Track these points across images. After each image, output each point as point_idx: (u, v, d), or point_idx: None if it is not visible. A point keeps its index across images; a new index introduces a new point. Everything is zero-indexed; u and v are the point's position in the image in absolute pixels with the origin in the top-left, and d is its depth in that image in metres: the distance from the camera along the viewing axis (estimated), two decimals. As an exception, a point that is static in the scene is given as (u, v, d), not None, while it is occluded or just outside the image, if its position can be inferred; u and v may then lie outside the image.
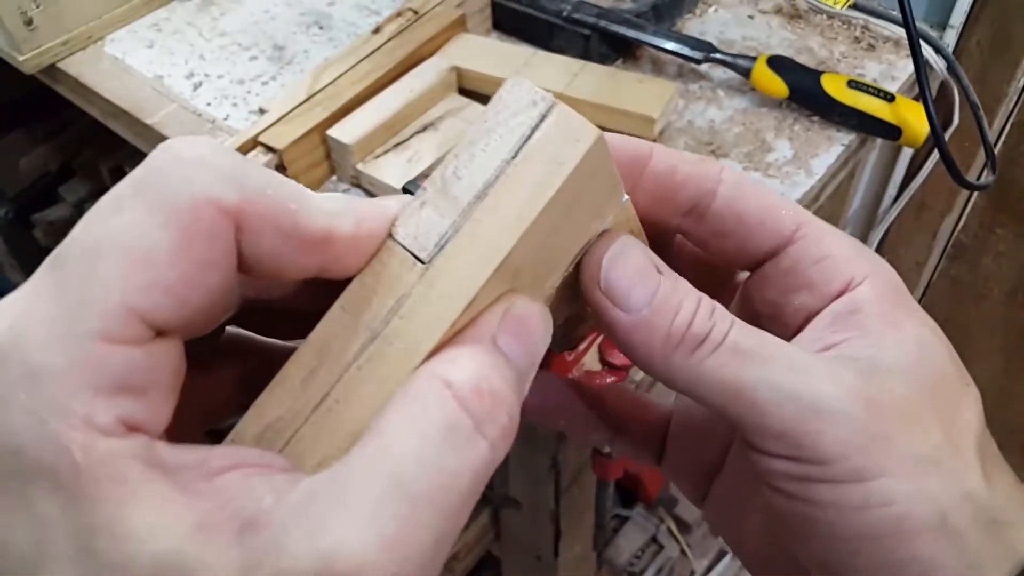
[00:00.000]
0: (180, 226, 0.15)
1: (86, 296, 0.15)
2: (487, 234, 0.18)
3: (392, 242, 0.19)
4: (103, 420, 0.14)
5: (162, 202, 0.15)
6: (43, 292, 0.15)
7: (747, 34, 0.69)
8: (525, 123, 0.19)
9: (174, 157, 0.16)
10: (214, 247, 0.15)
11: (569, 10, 0.65)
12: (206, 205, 0.15)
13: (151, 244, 0.15)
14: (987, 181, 0.66)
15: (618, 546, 1.19)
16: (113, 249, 0.15)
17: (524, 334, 0.19)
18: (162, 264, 0.15)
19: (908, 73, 0.65)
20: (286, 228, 0.16)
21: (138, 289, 0.15)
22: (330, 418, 0.18)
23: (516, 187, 0.19)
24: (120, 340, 0.15)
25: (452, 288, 0.18)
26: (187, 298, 0.15)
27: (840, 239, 0.24)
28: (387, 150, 0.58)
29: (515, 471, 0.77)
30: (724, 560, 1.28)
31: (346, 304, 0.19)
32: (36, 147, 1.06)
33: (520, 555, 0.92)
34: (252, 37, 0.71)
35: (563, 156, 0.19)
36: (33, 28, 0.67)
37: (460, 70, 0.62)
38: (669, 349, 0.21)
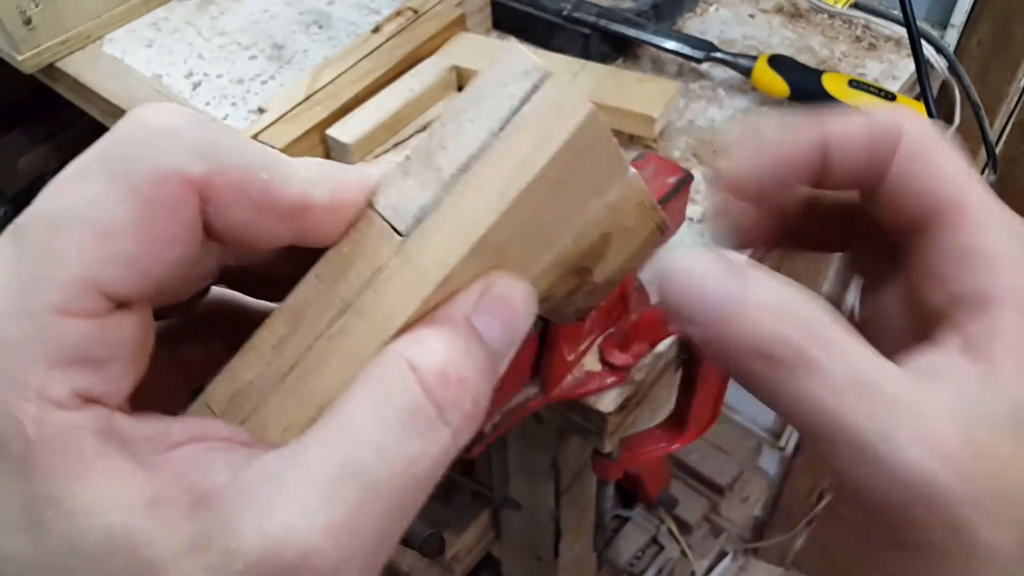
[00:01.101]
0: (141, 199, 0.15)
1: (44, 268, 0.14)
2: (468, 210, 0.18)
3: (372, 212, 0.18)
4: (57, 393, 0.14)
5: (125, 174, 0.15)
6: (1, 264, 0.15)
7: (748, 33, 0.69)
8: (515, 94, 0.18)
9: (140, 126, 0.16)
10: (176, 220, 0.15)
11: (569, 9, 0.65)
12: (169, 178, 0.15)
13: (111, 217, 0.15)
14: (988, 181, 0.66)
15: (618, 547, 1.19)
16: (73, 221, 0.15)
17: (504, 313, 0.18)
18: (122, 237, 0.15)
19: (909, 72, 0.65)
20: (256, 198, 0.16)
21: (97, 262, 0.15)
22: (298, 387, 0.18)
23: (501, 162, 0.18)
24: (77, 313, 0.14)
25: (428, 263, 0.18)
26: (148, 271, 0.15)
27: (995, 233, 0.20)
28: (387, 149, 0.58)
29: (515, 471, 0.77)
30: (724, 561, 1.28)
31: (321, 272, 0.18)
32: (35, 147, 1.06)
33: (520, 556, 0.92)
34: (251, 36, 0.71)
35: (552, 131, 0.17)
36: (32, 28, 0.67)
37: (460, 69, 0.62)
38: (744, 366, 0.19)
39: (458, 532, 1.00)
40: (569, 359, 0.46)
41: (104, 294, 0.15)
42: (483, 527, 1.01)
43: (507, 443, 0.74)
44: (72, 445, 0.14)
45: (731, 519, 1.29)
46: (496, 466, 0.81)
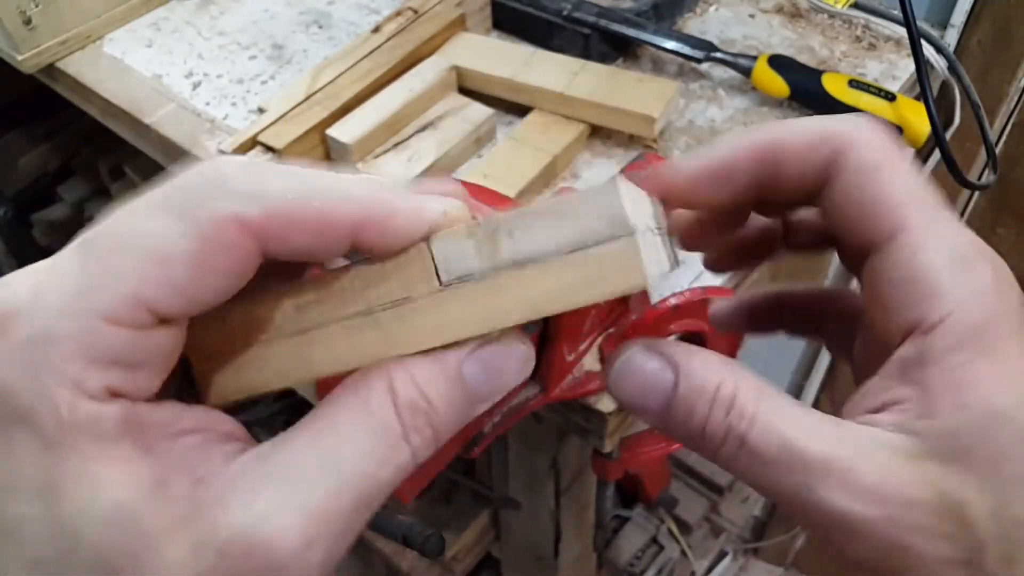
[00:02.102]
0: (201, 236, 0.17)
1: (103, 280, 0.17)
2: (503, 300, 0.19)
3: (425, 249, 0.20)
4: (91, 386, 0.17)
5: (187, 215, 0.17)
6: (67, 268, 0.17)
7: (748, 33, 0.69)
8: (596, 233, 0.19)
9: (202, 177, 0.18)
10: (230, 257, 0.17)
11: (569, 9, 0.65)
12: (228, 221, 0.17)
13: (171, 248, 0.17)
14: (988, 181, 0.66)
15: (618, 547, 1.19)
16: (136, 246, 0.17)
17: (493, 367, 0.20)
18: (178, 266, 0.17)
19: (909, 72, 0.65)
20: (311, 225, 0.18)
21: (151, 283, 0.17)
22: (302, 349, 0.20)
23: (550, 279, 0.19)
24: (124, 323, 0.17)
25: (447, 322, 0.20)
26: (195, 297, 0.17)
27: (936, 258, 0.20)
28: (387, 149, 0.58)
29: (515, 472, 0.77)
30: (724, 561, 1.28)
31: (362, 272, 0.20)
32: (35, 147, 1.06)
33: (520, 556, 0.92)
34: (251, 36, 0.71)
35: (605, 281, 0.19)
36: (32, 28, 0.67)
37: (460, 69, 0.62)
38: (695, 445, 0.21)
39: (458, 532, 1.00)
40: (569, 359, 0.46)
41: (151, 311, 0.17)
42: (483, 527, 1.01)
43: (507, 443, 0.74)
44: (96, 430, 0.17)
45: (731, 519, 1.29)
46: (496, 466, 0.81)
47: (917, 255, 0.20)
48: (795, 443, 0.20)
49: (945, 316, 0.20)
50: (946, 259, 0.20)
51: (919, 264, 0.20)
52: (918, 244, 0.20)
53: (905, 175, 0.21)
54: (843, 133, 0.21)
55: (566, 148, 0.58)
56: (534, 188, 0.57)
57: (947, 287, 0.20)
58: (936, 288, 0.20)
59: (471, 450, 0.45)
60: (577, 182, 0.59)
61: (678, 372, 0.21)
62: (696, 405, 0.21)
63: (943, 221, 0.21)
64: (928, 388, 0.20)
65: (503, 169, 0.57)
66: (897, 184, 0.21)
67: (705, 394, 0.21)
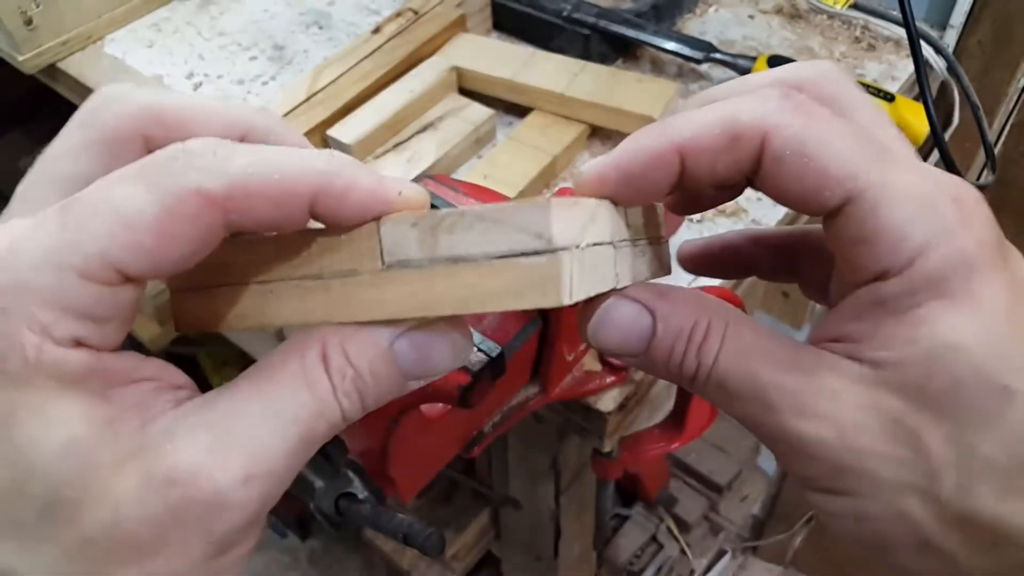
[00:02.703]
0: (166, 205, 0.18)
1: (78, 238, 0.18)
2: (435, 291, 0.21)
3: (375, 229, 0.21)
4: (59, 334, 0.18)
5: (156, 186, 0.18)
6: (46, 226, 0.18)
7: (747, 34, 0.69)
8: (524, 244, 0.20)
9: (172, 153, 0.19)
10: (195, 226, 0.19)
11: (569, 10, 0.65)
12: (192, 194, 0.18)
13: (138, 214, 0.18)
14: (987, 181, 0.66)
15: (618, 545, 1.19)
16: (108, 210, 0.18)
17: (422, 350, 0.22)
18: (143, 231, 0.18)
19: (908, 73, 0.65)
20: (272, 196, 0.19)
21: (119, 245, 0.18)
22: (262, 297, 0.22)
23: (477, 280, 0.20)
24: (93, 279, 0.18)
25: (386, 301, 0.21)
26: (158, 261, 0.19)
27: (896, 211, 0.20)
28: (387, 150, 0.58)
29: (515, 471, 0.77)
30: (723, 559, 1.28)
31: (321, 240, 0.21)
32: (36, 147, 1.06)
33: (520, 554, 0.92)
34: (252, 37, 0.71)
35: (525, 292, 0.20)
36: (33, 28, 0.67)
37: (460, 70, 0.62)
38: (674, 379, 0.23)
39: (458, 531, 1.00)
40: (569, 359, 0.46)
41: (118, 271, 0.18)
42: (483, 526, 1.01)
43: (507, 443, 0.74)
44: (58, 372, 0.18)
45: (730, 518, 1.29)
46: (496, 465, 0.82)
47: (873, 215, 0.20)
48: (757, 372, 0.22)
49: (906, 265, 0.20)
50: (904, 210, 0.20)
51: (877, 222, 0.20)
52: (872, 204, 0.20)
53: (836, 139, 0.20)
54: (752, 128, 0.21)
55: (566, 149, 0.59)
56: (534, 188, 0.57)
57: (906, 238, 0.20)
58: (897, 242, 0.20)
59: (471, 449, 0.46)
60: (577, 182, 0.59)
61: (655, 315, 0.23)
62: (675, 346, 0.23)
63: (895, 171, 0.20)
64: (881, 324, 0.21)
65: (503, 169, 0.57)
66: (829, 155, 0.20)
67: (682, 334, 0.22)
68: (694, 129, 0.21)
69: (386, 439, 0.39)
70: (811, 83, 0.23)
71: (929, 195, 0.20)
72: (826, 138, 0.20)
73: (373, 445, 0.40)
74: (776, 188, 0.21)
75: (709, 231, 0.55)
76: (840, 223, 0.21)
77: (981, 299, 0.20)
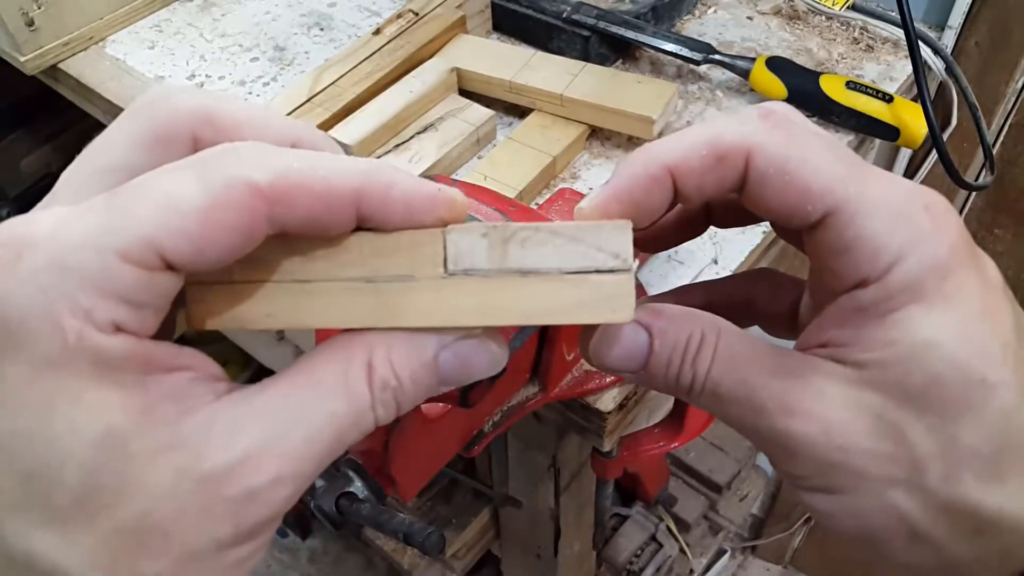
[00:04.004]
0: (213, 193, 0.18)
1: (122, 221, 0.18)
2: (499, 303, 0.21)
3: (440, 236, 0.21)
4: (99, 318, 0.18)
5: (204, 176, 0.18)
6: (94, 208, 0.18)
7: (746, 35, 0.70)
8: (597, 262, 0.21)
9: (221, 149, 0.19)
10: (240, 215, 0.19)
11: (569, 11, 0.65)
12: (240, 183, 0.18)
13: (186, 200, 0.18)
14: (985, 182, 0.67)
15: (617, 544, 1.19)
16: (156, 195, 0.18)
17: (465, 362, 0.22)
18: (190, 217, 0.18)
19: (907, 74, 0.65)
20: (317, 190, 0.19)
21: (164, 230, 0.18)
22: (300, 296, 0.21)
23: (548, 294, 0.21)
24: (135, 263, 0.18)
25: (442, 309, 0.21)
26: (203, 248, 0.18)
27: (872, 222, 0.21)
28: (388, 151, 0.59)
29: (515, 470, 0.77)
30: (723, 559, 1.28)
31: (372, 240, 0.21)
32: (38, 148, 1.06)
33: (520, 554, 0.92)
34: (253, 38, 0.72)
35: (594, 308, 0.21)
36: (34, 29, 0.67)
37: (460, 71, 0.62)
38: (671, 391, 0.24)
39: (458, 530, 1.00)
40: (568, 358, 0.46)
41: (161, 255, 0.18)
42: (483, 525, 1.01)
43: (507, 442, 0.74)
44: (98, 358, 0.18)
45: (729, 517, 1.29)
46: (496, 465, 0.82)
47: (851, 226, 0.21)
48: (748, 377, 0.23)
49: (884, 272, 0.21)
50: (881, 220, 0.21)
51: (856, 233, 0.21)
52: (850, 216, 0.21)
53: (814, 156, 0.22)
54: (736, 147, 0.22)
55: (566, 149, 0.59)
56: (534, 189, 0.57)
57: (884, 247, 0.21)
58: (875, 251, 0.21)
59: (471, 449, 0.46)
60: (576, 183, 0.59)
61: (651, 332, 0.24)
62: (671, 359, 0.24)
63: (870, 184, 0.21)
64: (862, 328, 0.22)
65: (503, 170, 0.57)
66: (809, 171, 0.21)
67: (678, 348, 0.24)
68: (683, 150, 0.22)
69: (386, 439, 0.40)
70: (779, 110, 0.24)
71: (903, 204, 0.21)
72: (805, 155, 0.22)
73: (374, 445, 0.40)
74: (761, 204, 0.22)
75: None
76: (821, 235, 0.22)
77: (955, 299, 0.21)
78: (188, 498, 0.19)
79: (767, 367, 0.23)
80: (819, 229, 0.22)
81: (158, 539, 0.19)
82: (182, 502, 0.19)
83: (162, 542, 0.19)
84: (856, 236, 0.21)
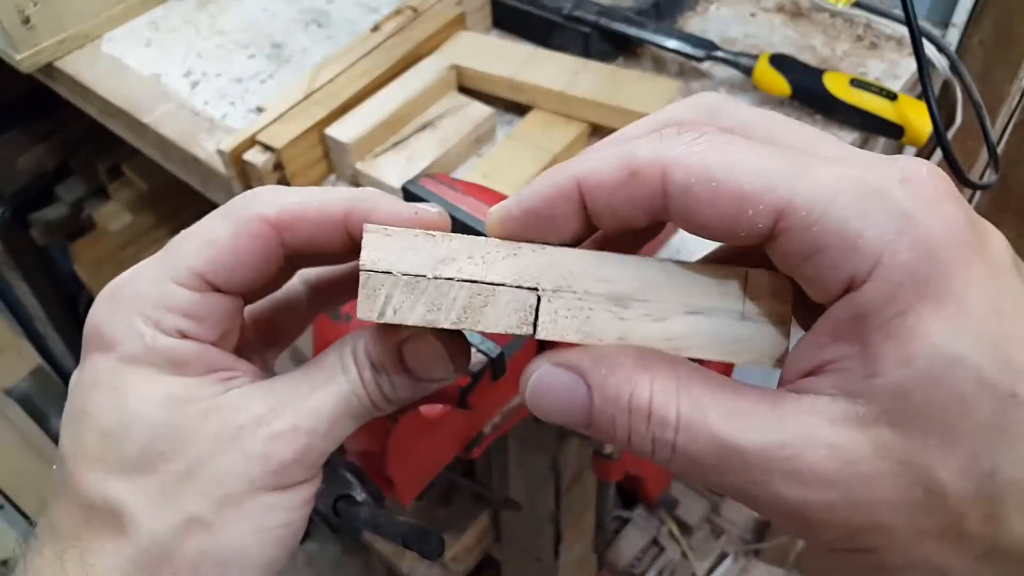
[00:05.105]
0: (235, 228, 0.24)
1: (175, 259, 0.24)
2: None
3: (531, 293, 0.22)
4: (166, 326, 0.24)
5: (230, 216, 0.24)
6: (158, 255, 0.25)
7: (749, 32, 0.69)
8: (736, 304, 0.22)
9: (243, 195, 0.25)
10: (258, 242, 0.24)
11: (569, 8, 0.65)
12: (254, 218, 0.24)
13: (217, 235, 0.24)
14: (990, 180, 0.66)
15: (619, 548, 1.18)
16: (197, 235, 0.24)
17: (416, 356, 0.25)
18: (220, 247, 0.24)
19: (911, 72, 0.65)
20: (312, 216, 0.24)
21: (202, 259, 0.24)
22: None
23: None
24: (186, 286, 0.24)
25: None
26: (234, 270, 0.24)
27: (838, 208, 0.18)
28: (386, 149, 0.58)
29: (515, 472, 0.77)
30: (725, 562, 1.27)
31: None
32: (33, 146, 1.06)
33: (520, 557, 0.92)
34: (250, 35, 0.71)
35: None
36: (30, 27, 0.67)
37: (460, 68, 0.62)
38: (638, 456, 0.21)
39: (458, 533, 1.00)
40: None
41: (203, 279, 0.24)
42: (483, 528, 1.00)
43: (507, 444, 0.74)
44: (169, 356, 0.24)
45: (732, 520, 1.29)
46: (496, 467, 0.81)
47: (812, 222, 0.18)
48: (729, 439, 0.19)
49: (873, 265, 0.18)
50: (846, 208, 0.18)
51: (820, 227, 0.18)
52: (806, 211, 0.18)
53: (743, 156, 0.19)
54: (650, 163, 0.20)
55: (566, 147, 0.58)
56: (534, 187, 0.57)
57: (859, 235, 0.18)
58: (850, 242, 0.18)
59: (471, 451, 0.45)
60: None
61: (590, 385, 0.21)
62: (616, 418, 0.20)
63: (819, 169, 0.19)
64: (868, 344, 0.18)
65: (503, 168, 0.56)
66: (739, 173, 0.19)
67: (620, 405, 0.20)
68: (592, 164, 0.21)
69: (385, 440, 0.39)
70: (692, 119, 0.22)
71: (868, 183, 0.18)
72: (730, 159, 0.19)
73: (372, 447, 0.40)
74: (694, 221, 0.20)
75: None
76: (782, 243, 0.19)
77: (966, 296, 0.18)
78: (226, 446, 0.23)
79: (754, 423, 0.19)
80: (779, 239, 0.19)
81: (204, 483, 0.23)
82: (222, 449, 0.23)
83: (207, 484, 0.23)
84: (822, 231, 0.18)
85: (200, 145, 0.62)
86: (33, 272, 1.11)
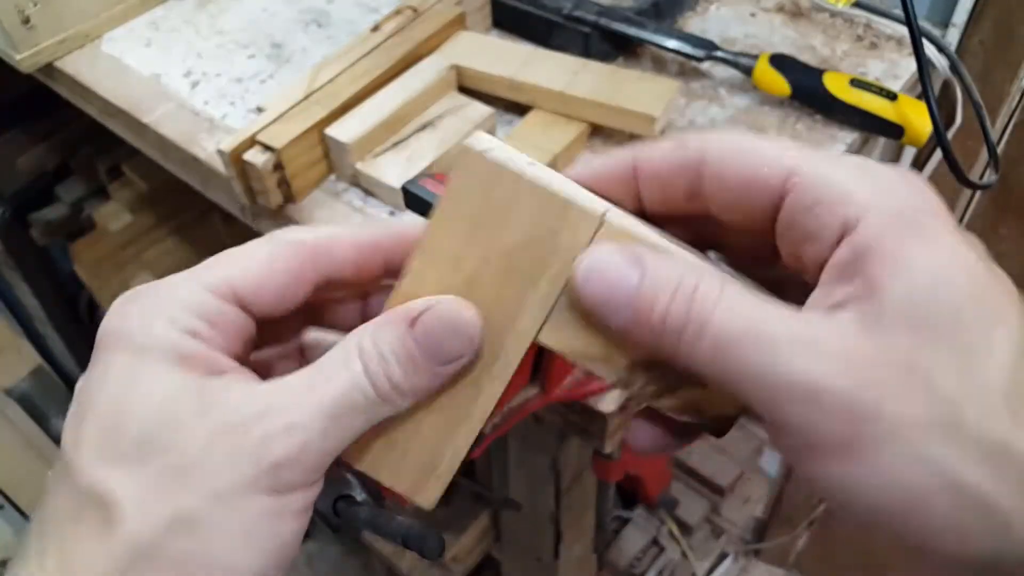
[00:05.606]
0: (274, 250, 0.26)
1: (206, 267, 0.26)
2: None
3: None
4: (181, 324, 0.25)
5: (272, 239, 0.27)
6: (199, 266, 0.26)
7: (749, 32, 0.69)
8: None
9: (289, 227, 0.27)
10: (291, 262, 0.26)
11: (569, 8, 0.65)
12: (292, 242, 0.27)
13: (255, 253, 0.26)
14: (990, 181, 0.66)
15: (619, 548, 1.19)
16: (241, 252, 0.26)
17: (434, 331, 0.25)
18: (256, 263, 0.26)
19: (911, 72, 0.65)
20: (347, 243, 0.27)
21: (238, 270, 0.26)
22: None
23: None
24: (215, 293, 0.25)
25: None
26: (265, 285, 0.26)
27: (836, 173, 0.22)
28: (386, 149, 0.58)
29: (515, 472, 0.77)
30: (725, 562, 1.27)
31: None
32: (33, 146, 1.06)
33: (520, 557, 0.92)
34: (250, 35, 0.71)
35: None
36: (30, 27, 0.67)
37: (460, 68, 0.62)
38: (656, 341, 0.23)
39: (458, 533, 1.00)
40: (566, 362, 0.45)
41: (233, 290, 0.26)
42: (483, 528, 1.01)
43: (507, 444, 0.74)
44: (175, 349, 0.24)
45: (732, 520, 1.29)
46: (496, 467, 0.81)
47: (817, 180, 0.22)
48: (762, 323, 0.21)
49: (864, 212, 0.21)
50: (844, 173, 0.22)
51: (824, 183, 0.22)
52: (813, 173, 0.22)
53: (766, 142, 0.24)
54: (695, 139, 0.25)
55: (566, 147, 0.58)
56: (534, 187, 0.57)
57: (856, 189, 0.22)
58: (848, 193, 0.22)
59: (471, 451, 0.45)
60: (577, 181, 0.58)
61: (644, 268, 0.23)
62: (658, 297, 0.22)
63: (827, 156, 0.23)
64: (870, 275, 0.21)
65: (503, 168, 0.56)
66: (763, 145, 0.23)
67: (668, 285, 0.22)
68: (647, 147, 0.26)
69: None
70: None
71: (861, 165, 0.23)
72: (754, 142, 0.24)
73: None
74: (720, 181, 0.24)
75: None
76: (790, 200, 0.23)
77: (940, 236, 0.21)
78: (218, 444, 0.23)
79: (785, 317, 0.21)
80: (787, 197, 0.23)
81: (195, 478, 0.23)
82: (215, 446, 0.23)
83: (198, 481, 0.23)
84: (825, 185, 0.22)
85: (200, 145, 0.62)
86: (33, 272, 1.11)
